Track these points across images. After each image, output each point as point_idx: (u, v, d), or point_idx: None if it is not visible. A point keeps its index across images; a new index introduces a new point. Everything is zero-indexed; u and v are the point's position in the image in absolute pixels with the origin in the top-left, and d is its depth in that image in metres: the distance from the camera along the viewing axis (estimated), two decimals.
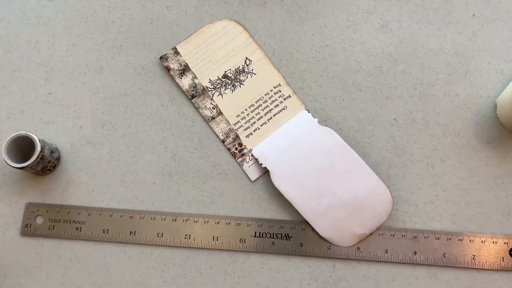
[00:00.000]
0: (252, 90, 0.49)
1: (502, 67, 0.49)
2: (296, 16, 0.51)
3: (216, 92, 0.48)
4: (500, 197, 0.46)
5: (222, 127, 0.48)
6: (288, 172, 0.46)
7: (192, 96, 0.49)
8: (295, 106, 0.48)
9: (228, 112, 0.48)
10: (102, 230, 0.46)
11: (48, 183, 0.47)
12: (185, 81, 0.49)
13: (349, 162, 0.46)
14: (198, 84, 0.49)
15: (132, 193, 0.47)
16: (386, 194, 0.45)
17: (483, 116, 0.48)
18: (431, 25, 0.50)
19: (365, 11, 0.50)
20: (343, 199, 0.45)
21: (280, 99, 0.48)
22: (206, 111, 0.48)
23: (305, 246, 0.45)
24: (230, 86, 0.49)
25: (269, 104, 0.48)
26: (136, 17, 0.51)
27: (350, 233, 0.45)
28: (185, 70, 0.49)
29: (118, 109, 0.49)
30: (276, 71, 0.49)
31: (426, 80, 0.49)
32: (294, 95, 0.49)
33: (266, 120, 0.48)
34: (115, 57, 0.50)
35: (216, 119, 0.48)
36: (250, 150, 0.47)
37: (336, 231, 0.45)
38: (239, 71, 0.49)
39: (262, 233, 0.46)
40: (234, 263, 0.45)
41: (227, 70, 0.49)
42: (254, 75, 0.49)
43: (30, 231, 0.46)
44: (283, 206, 0.46)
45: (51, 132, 0.48)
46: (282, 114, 0.48)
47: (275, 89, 0.49)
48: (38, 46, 0.50)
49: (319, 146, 0.46)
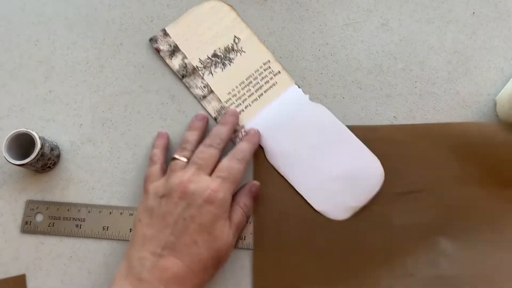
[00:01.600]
0: (242, 68, 0.49)
1: (502, 65, 0.49)
2: (296, 15, 0.51)
3: (207, 71, 0.49)
4: None
5: (214, 105, 0.48)
6: (281, 148, 0.46)
7: (183, 76, 0.49)
8: (285, 82, 0.49)
9: (219, 90, 0.49)
10: (102, 228, 0.46)
11: (48, 180, 0.47)
12: (175, 61, 0.49)
13: (340, 136, 0.46)
14: (188, 64, 0.49)
15: (132, 191, 0.47)
16: (377, 166, 0.46)
17: (483, 114, 0.48)
18: (431, 23, 0.50)
19: (365, 9, 0.51)
20: (335, 173, 0.46)
21: (270, 75, 0.49)
22: (197, 90, 0.49)
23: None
24: (220, 65, 0.49)
25: (260, 81, 0.49)
26: (136, 15, 0.51)
27: (344, 206, 0.45)
28: (175, 51, 0.49)
29: (118, 107, 0.49)
30: (264, 48, 0.50)
31: (426, 78, 0.49)
32: (283, 71, 0.49)
33: (257, 97, 0.48)
34: (115, 55, 0.50)
35: (207, 98, 0.48)
36: (243, 126, 0.48)
37: (330, 204, 0.45)
38: (228, 49, 0.49)
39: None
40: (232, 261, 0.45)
41: (216, 49, 0.49)
42: (243, 53, 0.49)
43: (30, 228, 0.46)
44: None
45: (52, 130, 0.48)
46: (272, 90, 0.49)
47: (264, 66, 0.49)
48: (38, 44, 0.50)
49: (311, 122, 0.47)
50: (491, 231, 0.44)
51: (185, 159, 0.43)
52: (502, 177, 0.44)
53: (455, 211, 0.44)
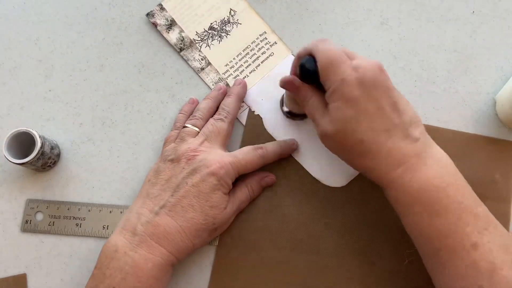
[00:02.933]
0: (238, 40, 0.50)
1: (502, 64, 0.49)
2: (296, 13, 0.51)
3: (204, 44, 0.50)
4: None
5: (212, 77, 0.49)
6: (279, 118, 0.48)
7: (180, 49, 0.50)
8: (281, 52, 0.50)
9: (216, 62, 0.49)
10: (102, 227, 0.46)
11: (48, 179, 0.47)
12: (173, 35, 0.50)
13: None
14: (186, 37, 0.50)
15: (132, 189, 0.47)
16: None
17: (483, 113, 0.48)
18: (431, 22, 0.50)
19: (365, 8, 0.51)
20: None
21: (266, 46, 0.50)
22: (195, 62, 0.49)
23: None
24: (217, 37, 0.50)
25: (256, 52, 0.50)
26: (136, 14, 0.51)
27: (340, 172, 0.46)
28: (172, 25, 0.50)
29: (118, 106, 0.49)
30: (260, 19, 0.50)
31: (425, 77, 0.49)
32: (280, 41, 0.50)
33: (255, 67, 0.49)
34: (115, 54, 0.50)
35: (205, 70, 0.49)
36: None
37: (327, 171, 0.46)
38: (225, 22, 0.50)
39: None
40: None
41: (212, 22, 0.50)
42: (240, 25, 0.50)
43: (30, 227, 0.46)
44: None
45: (52, 129, 0.48)
46: (269, 61, 0.49)
47: (261, 37, 0.50)
48: (38, 43, 0.51)
49: None
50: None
51: (195, 127, 0.45)
52: (477, 190, 0.45)
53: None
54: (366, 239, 0.45)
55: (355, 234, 0.45)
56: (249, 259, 0.45)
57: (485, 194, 0.44)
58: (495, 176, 0.46)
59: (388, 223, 0.45)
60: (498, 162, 0.46)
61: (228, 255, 0.45)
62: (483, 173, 0.46)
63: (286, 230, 0.45)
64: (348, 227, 0.45)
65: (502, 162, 0.46)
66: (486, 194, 0.44)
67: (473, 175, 0.44)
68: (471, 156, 0.46)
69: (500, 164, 0.46)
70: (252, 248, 0.45)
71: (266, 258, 0.45)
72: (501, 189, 0.45)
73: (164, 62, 0.50)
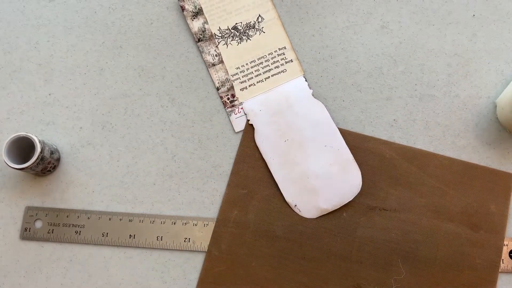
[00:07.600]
0: (257, 47, 0.50)
1: (502, 68, 0.49)
2: (296, 17, 0.50)
3: (222, 41, 0.50)
4: None
5: (220, 75, 0.49)
6: (271, 134, 0.47)
7: (199, 39, 0.50)
8: (294, 71, 0.49)
9: (229, 63, 0.49)
10: (102, 234, 0.46)
11: (48, 184, 0.47)
12: (196, 23, 0.50)
13: (330, 138, 0.47)
14: (207, 30, 0.50)
15: (132, 194, 0.47)
16: (357, 176, 0.46)
17: (483, 117, 0.48)
18: (431, 25, 0.50)
19: (365, 11, 0.50)
20: (316, 171, 0.46)
21: (282, 61, 0.49)
22: (208, 56, 0.49)
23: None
24: (237, 38, 0.50)
25: (270, 64, 0.49)
26: (136, 18, 0.51)
27: (314, 205, 0.46)
28: (198, 14, 0.50)
29: (118, 110, 0.49)
30: (285, 34, 0.50)
31: (426, 81, 0.49)
32: (296, 60, 0.49)
33: (263, 79, 0.49)
34: (115, 58, 0.50)
35: (216, 67, 0.49)
36: (241, 103, 0.48)
37: (301, 200, 0.46)
38: (250, 26, 0.50)
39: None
40: None
41: (238, 23, 0.50)
42: (263, 33, 0.50)
43: (30, 235, 0.46)
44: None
45: (51, 133, 0.48)
46: (280, 76, 0.49)
47: (279, 51, 0.50)
48: (38, 47, 0.50)
49: (306, 116, 0.47)
50: (444, 270, 0.44)
51: None
52: (471, 220, 0.45)
53: (420, 240, 0.45)
54: (354, 263, 0.45)
55: (343, 257, 0.45)
56: (236, 273, 0.45)
57: (479, 225, 0.45)
58: (491, 207, 0.45)
59: (376, 249, 0.45)
60: (494, 193, 0.46)
61: (215, 269, 0.45)
62: (478, 203, 0.45)
63: (276, 248, 0.45)
64: (336, 251, 0.45)
65: (499, 194, 0.46)
66: (480, 225, 0.45)
67: (468, 205, 0.45)
68: (468, 185, 0.46)
69: (496, 195, 0.45)
70: (240, 263, 0.45)
71: (253, 274, 0.45)
72: (495, 221, 0.45)
73: (164, 66, 0.50)
